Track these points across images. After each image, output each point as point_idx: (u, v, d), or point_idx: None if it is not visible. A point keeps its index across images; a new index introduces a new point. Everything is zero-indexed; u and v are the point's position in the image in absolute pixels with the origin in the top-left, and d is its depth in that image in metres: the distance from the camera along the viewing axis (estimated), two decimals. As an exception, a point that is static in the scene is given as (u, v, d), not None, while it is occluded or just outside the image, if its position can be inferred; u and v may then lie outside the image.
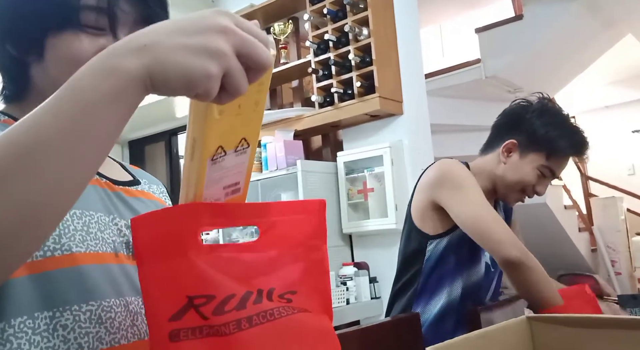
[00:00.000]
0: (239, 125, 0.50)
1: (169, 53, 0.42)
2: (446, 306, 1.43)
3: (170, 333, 0.49)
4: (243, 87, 0.44)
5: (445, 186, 1.41)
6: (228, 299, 0.50)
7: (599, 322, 0.72)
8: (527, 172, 1.43)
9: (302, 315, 0.54)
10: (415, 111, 2.74)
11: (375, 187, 2.61)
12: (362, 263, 2.65)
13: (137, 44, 0.43)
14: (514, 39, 4.11)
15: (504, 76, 4.11)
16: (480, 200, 1.35)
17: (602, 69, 5.94)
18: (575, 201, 5.24)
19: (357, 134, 2.80)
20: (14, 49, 0.64)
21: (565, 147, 1.41)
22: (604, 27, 4.54)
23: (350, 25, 2.60)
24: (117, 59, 0.43)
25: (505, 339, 0.75)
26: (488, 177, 1.50)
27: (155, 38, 0.43)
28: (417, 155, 2.65)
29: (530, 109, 1.46)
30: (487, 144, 1.55)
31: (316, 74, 2.74)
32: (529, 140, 1.43)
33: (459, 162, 1.47)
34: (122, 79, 0.42)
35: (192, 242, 0.51)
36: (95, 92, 0.42)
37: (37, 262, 0.55)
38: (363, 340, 1.17)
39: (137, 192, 0.73)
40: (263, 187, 2.79)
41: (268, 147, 2.79)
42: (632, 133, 6.95)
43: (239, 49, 0.44)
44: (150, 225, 0.51)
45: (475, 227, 1.34)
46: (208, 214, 0.52)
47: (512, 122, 1.48)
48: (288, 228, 0.55)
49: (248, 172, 0.55)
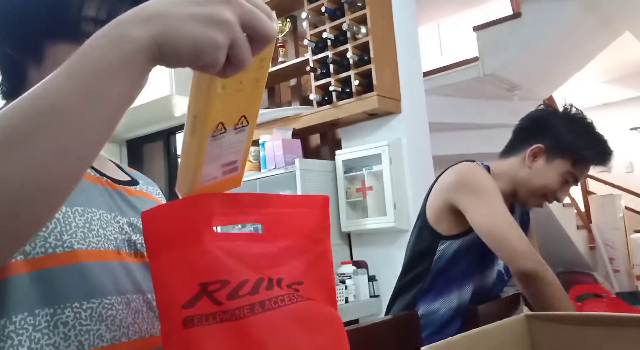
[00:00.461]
0: (239, 102, 0.50)
1: (176, 22, 0.43)
2: (456, 309, 1.43)
3: (185, 319, 0.50)
4: (248, 59, 0.45)
5: (465, 191, 1.40)
6: (242, 284, 0.51)
7: (596, 320, 0.72)
8: (553, 178, 1.43)
9: (311, 303, 0.56)
10: (414, 109, 2.74)
11: (373, 186, 2.61)
12: (361, 261, 2.65)
13: (144, 14, 0.44)
14: (512, 37, 4.11)
15: (502, 74, 4.11)
16: (500, 209, 1.34)
17: (600, 66, 5.95)
18: (573, 199, 5.25)
19: (356, 133, 2.80)
20: (11, 50, 0.64)
21: (592, 156, 1.43)
22: (601, 25, 4.54)
23: (348, 23, 2.60)
24: (124, 28, 0.43)
25: (503, 337, 0.75)
26: (510, 181, 1.49)
27: (162, 8, 0.44)
28: (415, 153, 2.65)
29: (558, 115, 1.46)
30: (510, 147, 1.54)
31: (314, 72, 2.74)
32: (557, 146, 1.43)
33: (481, 166, 1.46)
34: (130, 47, 0.43)
35: (206, 230, 0.52)
36: (104, 59, 0.43)
37: (39, 258, 0.55)
38: (362, 339, 1.17)
39: (137, 191, 0.74)
40: (261, 186, 2.79)
41: (266, 146, 2.79)
42: (630, 131, 6.96)
43: (243, 20, 0.44)
44: (161, 217, 0.52)
45: (493, 235, 1.33)
46: (220, 204, 0.54)
47: (538, 127, 1.48)
48: (295, 220, 0.57)
49: (246, 150, 0.55)
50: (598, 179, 6.02)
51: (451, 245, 1.43)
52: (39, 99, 0.41)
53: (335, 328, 0.58)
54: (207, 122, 0.48)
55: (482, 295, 1.44)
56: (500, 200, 1.36)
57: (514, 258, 1.30)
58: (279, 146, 2.72)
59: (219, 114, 0.49)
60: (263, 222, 0.57)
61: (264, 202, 0.57)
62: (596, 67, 5.89)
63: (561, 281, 1.53)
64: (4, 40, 0.63)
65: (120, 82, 0.43)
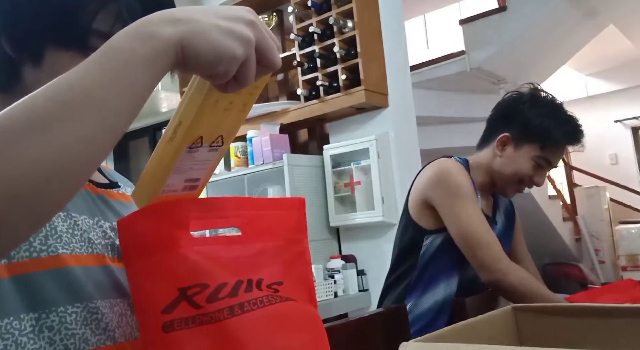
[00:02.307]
0: (223, 121, 0.52)
1: (203, 29, 0.46)
2: (442, 301, 1.44)
3: (164, 324, 0.50)
4: (251, 79, 0.48)
5: (439, 190, 1.42)
6: (221, 287, 0.52)
7: (583, 311, 0.73)
8: (523, 164, 1.43)
9: (291, 303, 0.57)
10: (401, 103, 2.74)
11: (362, 180, 2.62)
12: (350, 256, 2.65)
13: (174, 17, 0.47)
14: (497, 30, 4.13)
15: (488, 68, 4.13)
16: (471, 212, 1.36)
17: (585, 59, 6.01)
18: (559, 191, 5.30)
19: (343, 127, 2.80)
20: (9, 49, 0.62)
21: (559, 137, 1.41)
22: (586, 17, 4.58)
23: (334, 17, 2.59)
24: (153, 27, 0.46)
25: (491, 329, 0.76)
26: (486, 172, 1.50)
27: (191, 14, 0.47)
28: (403, 147, 2.66)
29: (522, 100, 1.45)
30: (483, 139, 1.55)
31: (301, 67, 2.73)
32: (522, 132, 1.43)
33: (457, 162, 1.47)
34: (158, 44, 0.45)
35: (183, 235, 0.53)
36: (134, 54, 0.45)
37: (24, 262, 0.54)
38: (351, 333, 1.17)
39: (118, 194, 0.73)
40: (249, 182, 2.78)
41: (254, 141, 2.78)
42: (615, 123, 7.04)
43: (259, 43, 0.48)
44: (137, 224, 0.52)
45: (463, 241, 1.37)
46: (196, 208, 0.54)
47: (505, 115, 1.48)
48: (272, 222, 0.59)
49: (211, 171, 0.56)
50: (583, 171, 6.09)
51: (436, 238, 1.44)
52: (70, 87, 0.43)
53: (315, 327, 0.59)
54: (189, 132, 0.49)
55: (469, 288, 1.45)
56: (471, 199, 1.38)
57: (477, 268, 1.35)
58: (266, 141, 2.71)
59: (202, 127, 0.50)
60: (240, 225, 0.57)
61: (240, 205, 0.58)
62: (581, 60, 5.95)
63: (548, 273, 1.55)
64: (6, 37, 0.62)
65: (146, 76, 0.46)
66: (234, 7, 0.49)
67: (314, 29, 2.66)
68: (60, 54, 0.61)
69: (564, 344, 0.71)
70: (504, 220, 1.59)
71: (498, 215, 1.57)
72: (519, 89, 1.50)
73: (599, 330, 0.70)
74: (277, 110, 2.85)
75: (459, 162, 1.47)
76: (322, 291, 2.32)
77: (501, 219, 1.58)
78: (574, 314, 0.73)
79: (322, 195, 2.73)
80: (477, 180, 1.50)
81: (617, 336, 0.68)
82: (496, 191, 1.55)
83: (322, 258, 2.60)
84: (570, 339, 0.72)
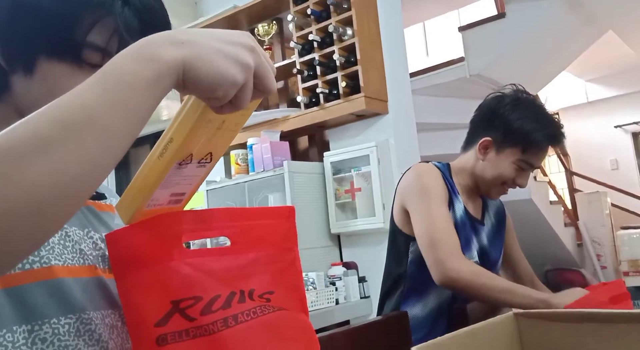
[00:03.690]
0: (214, 139, 0.53)
1: (205, 53, 0.47)
2: (437, 309, 1.42)
3: (158, 338, 0.50)
4: (246, 103, 0.49)
5: (410, 193, 1.44)
6: (215, 299, 0.53)
7: (584, 317, 0.73)
8: (505, 168, 1.43)
9: (283, 313, 0.57)
10: (401, 110, 2.75)
11: (362, 187, 2.62)
12: (351, 263, 2.65)
13: (175, 39, 0.47)
14: (497, 37, 4.14)
15: (488, 74, 4.14)
16: (434, 212, 1.35)
17: (584, 65, 6.02)
18: (560, 196, 5.29)
19: (343, 134, 2.80)
20: (1, 56, 0.62)
21: (541, 140, 1.40)
22: (585, 24, 4.59)
23: (334, 25, 2.60)
24: (156, 48, 0.46)
25: (492, 335, 0.76)
26: (469, 175, 1.50)
27: (194, 37, 0.48)
28: (403, 154, 2.66)
29: (503, 103, 1.44)
30: (466, 141, 1.55)
31: (301, 74, 2.74)
32: (504, 136, 1.42)
33: (434, 166, 1.47)
34: (161, 67, 0.46)
35: (175, 248, 0.53)
36: (137, 76, 0.45)
37: (17, 274, 0.54)
38: (352, 340, 1.17)
39: (105, 206, 0.73)
40: (250, 189, 2.78)
41: (254, 149, 2.78)
42: (615, 128, 7.04)
43: (257, 69, 0.49)
44: (127, 238, 0.53)
45: (420, 241, 1.36)
46: (189, 221, 0.55)
47: (487, 118, 1.47)
48: (262, 232, 0.59)
49: (196, 186, 0.57)
50: (584, 176, 6.09)
51: None
52: (73, 109, 0.43)
53: (307, 335, 0.60)
54: (180, 148, 0.50)
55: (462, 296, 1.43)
56: (438, 200, 1.37)
57: (429, 267, 1.32)
58: (267, 149, 2.72)
59: (194, 144, 0.51)
60: (231, 235, 0.57)
61: (230, 216, 0.58)
62: (581, 66, 5.96)
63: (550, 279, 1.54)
64: (3, 48, 0.62)
65: (149, 98, 0.46)
66: (235, 32, 0.50)
67: (313, 37, 2.67)
68: (53, 65, 0.60)
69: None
70: (494, 222, 1.59)
71: (487, 217, 1.57)
72: (502, 89, 1.49)
73: (600, 335, 0.69)
74: (278, 117, 2.86)
75: (435, 166, 1.47)
76: (323, 298, 2.32)
77: (490, 221, 1.57)
78: (575, 320, 0.73)
79: (323, 202, 2.73)
80: (461, 183, 1.51)
81: (620, 342, 0.68)
82: (482, 194, 1.55)
83: (324, 265, 2.60)
84: (571, 344, 0.72)
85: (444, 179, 1.44)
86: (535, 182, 4.43)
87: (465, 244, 1.43)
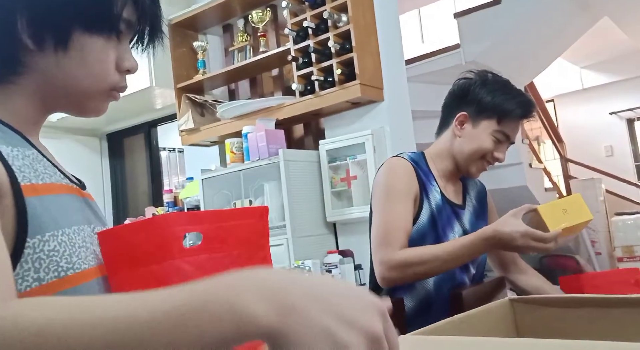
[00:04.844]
0: None
1: (311, 334, 0.36)
2: (424, 299, 1.43)
3: None
4: None
5: (375, 192, 1.49)
6: None
7: (579, 302, 0.73)
8: (483, 139, 1.47)
9: None
10: (396, 98, 2.74)
11: (358, 175, 2.61)
12: (347, 251, 2.65)
13: (285, 300, 0.37)
14: (492, 23, 4.12)
15: (484, 61, 4.12)
16: (390, 211, 1.39)
17: (580, 52, 6.01)
18: (555, 183, 5.31)
19: (339, 122, 2.79)
20: (30, 31, 0.62)
21: (513, 109, 1.46)
22: (580, 9, 4.58)
23: (329, 11, 2.58)
24: (245, 301, 0.37)
25: (488, 321, 0.76)
26: (447, 156, 1.53)
27: (306, 303, 0.37)
28: (399, 141, 2.66)
29: (473, 82, 1.51)
30: (440, 125, 1.61)
31: (296, 61, 2.72)
32: (478, 109, 1.47)
33: (404, 159, 1.50)
34: (248, 329, 0.36)
35: (175, 247, 0.56)
36: (218, 330, 0.36)
37: (51, 283, 0.55)
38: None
39: (89, 195, 0.73)
40: (245, 178, 2.77)
41: (249, 137, 2.77)
42: (610, 115, 7.05)
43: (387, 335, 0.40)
44: (123, 235, 0.56)
45: (372, 244, 1.41)
46: (182, 222, 0.59)
47: (459, 98, 1.53)
48: (244, 231, 0.64)
49: None
50: (579, 163, 6.10)
51: None
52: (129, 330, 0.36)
53: None
54: None
55: (447, 285, 1.44)
56: (400, 200, 1.41)
57: (374, 267, 1.38)
58: (262, 137, 2.71)
59: None
60: (219, 235, 0.61)
61: (216, 217, 0.63)
62: (576, 53, 5.94)
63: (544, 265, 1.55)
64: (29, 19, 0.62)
65: None
66: (367, 302, 0.40)
67: (308, 24, 2.65)
68: (88, 39, 0.64)
69: (562, 335, 0.71)
70: (475, 204, 1.60)
71: (468, 200, 1.59)
72: (465, 75, 1.55)
73: (596, 320, 0.70)
74: (272, 105, 2.84)
75: (405, 159, 1.50)
76: (319, 286, 2.33)
77: (471, 204, 1.59)
78: (571, 305, 0.73)
79: (319, 190, 2.73)
80: (438, 167, 1.54)
81: (616, 326, 0.68)
82: (462, 174, 1.57)
83: (319, 253, 2.60)
84: (567, 330, 0.73)
85: (416, 171, 1.46)
86: (530, 169, 4.44)
87: (445, 230, 1.44)
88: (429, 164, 1.53)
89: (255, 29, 3.09)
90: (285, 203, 2.56)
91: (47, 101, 0.67)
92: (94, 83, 0.66)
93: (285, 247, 2.53)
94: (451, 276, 1.44)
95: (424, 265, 1.30)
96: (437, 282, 1.43)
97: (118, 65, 0.68)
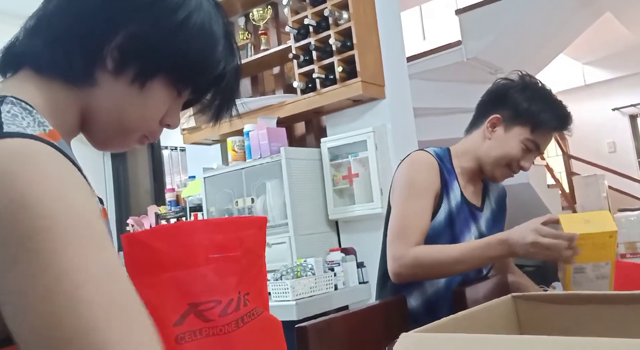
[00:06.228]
0: None
1: None
2: (432, 297, 1.42)
3: (177, 337, 0.55)
4: None
5: (396, 186, 1.45)
6: (230, 303, 0.60)
7: (582, 299, 0.73)
8: (513, 146, 1.43)
9: (265, 314, 0.66)
10: (398, 95, 2.73)
11: (360, 172, 2.61)
12: (349, 248, 2.65)
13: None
14: (494, 19, 4.11)
15: (485, 58, 4.11)
16: (410, 207, 1.37)
17: (582, 48, 5.99)
18: (558, 180, 5.30)
19: (340, 120, 2.79)
20: (116, 55, 0.62)
21: (549, 120, 1.42)
22: (582, 5, 4.56)
23: (329, 9, 2.58)
24: None
25: (491, 318, 0.75)
26: (474, 157, 1.50)
27: None
28: (400, 139, 2.65)
29: (513, 85, 1.46)
30: (472, 123, 1.55)
31: (297, 59, 2.71)
32: (514, 114, 1.43)
33: (430, 155, 1.46)
34: None
35: (201, 254, 0.59)
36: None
37: None
38: (351, 325, 1.17)
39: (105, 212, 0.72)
40: (247, 176, 2.77)
41: (251, 135, 2.77)
42: (612, 111, 7.03)
43: None
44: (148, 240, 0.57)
45: (388, 238, 1.38)
46: (205, 230, 0.61)
47: (496, 99, 1.49)
48: (250, 241, 0.66)
49: None
50: (582, 159, 6.09)
51: None
52: None
53: (280, 330, 0.69)
54: None
55: (455, 283, 1.43)
56: (420, 196, 1.38)
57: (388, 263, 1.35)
58: (263, 135, 2.70)
59: None
60: (235, 245, 0.63)
61: (237, 226, 0.65)
62: (578, 49, 5.93)
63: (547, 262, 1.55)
64: (126, 52, 0.62)
65: None
66: None
67: (309, 21, 2.64)
68: (160, 87, 0.65)
69: (565, 332, 0.71)
70: (495, 208, 1.58)
71: (487, 202, 1.56)
72: (509, 76, 1.51)
73: (600, 317, 0.69)
74: (274, 103, 2.84)
75: (431, 155, 1.46)
76: (322, 284, 2.32)
77: (490, 207, 1.57)
78: (574, 302, 0.73)
79: (321, 188, 2.73)
80: (463, 166, 1.50)
81: (618, 323, 0.68)
82: (486, 178, 1.54)
83: (322, 251, 2.60)
84: (570, 326, 0.72)
85: (440, 168, 1.43)
86: (533, 165, 4.43)
87: (462, 231, 1.43)
88: (453, 161, 1.50)
89: (256, 26, 3.08)
90: (287, 201, 2.56)
91: (88, 120, 0.65)
92: (139, 125, 0.67)
93: (287, 245, 2.53)
94: (464, 275, 1.44)
95: (436, 267, 1.28)
96: (447, 281, 1.42)
97: (164, 117, 0.69)
